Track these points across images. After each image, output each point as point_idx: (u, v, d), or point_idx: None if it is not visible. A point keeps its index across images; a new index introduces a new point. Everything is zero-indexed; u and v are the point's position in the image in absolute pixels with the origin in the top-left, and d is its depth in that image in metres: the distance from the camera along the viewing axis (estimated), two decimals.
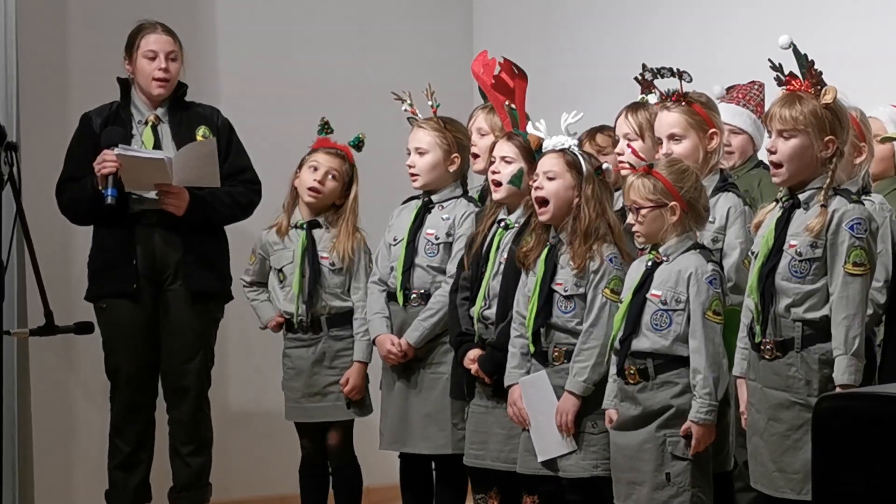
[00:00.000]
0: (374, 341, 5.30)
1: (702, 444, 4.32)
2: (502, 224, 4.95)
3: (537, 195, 4.69)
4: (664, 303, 4.36)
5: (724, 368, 4.32)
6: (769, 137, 4.24)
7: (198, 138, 5.50)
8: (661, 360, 4.36)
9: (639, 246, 4.53)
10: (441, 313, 5.14)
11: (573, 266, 4.61)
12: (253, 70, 6.62)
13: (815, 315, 4.13)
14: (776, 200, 4.27)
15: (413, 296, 5.24)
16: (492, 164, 4.95)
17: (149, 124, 5.52)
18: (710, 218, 4.49)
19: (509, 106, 4.96)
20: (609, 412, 4.47)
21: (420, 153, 5.28)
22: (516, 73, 4.96)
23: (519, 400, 4.71)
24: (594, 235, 4.62)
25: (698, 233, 4.44)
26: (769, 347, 4.18)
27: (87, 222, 5.58)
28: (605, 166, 4.68)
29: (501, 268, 4.90)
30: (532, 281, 4.70)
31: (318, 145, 5.53)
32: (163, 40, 5.54)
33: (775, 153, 4.19)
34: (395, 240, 5.32)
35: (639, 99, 4.83)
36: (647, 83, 4.77)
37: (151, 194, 5.42)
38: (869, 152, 4.62)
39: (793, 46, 4.18)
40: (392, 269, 5.29)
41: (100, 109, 5.55)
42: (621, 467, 4.44)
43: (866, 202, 4.34)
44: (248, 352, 6.40)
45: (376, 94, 6.04)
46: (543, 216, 4.69)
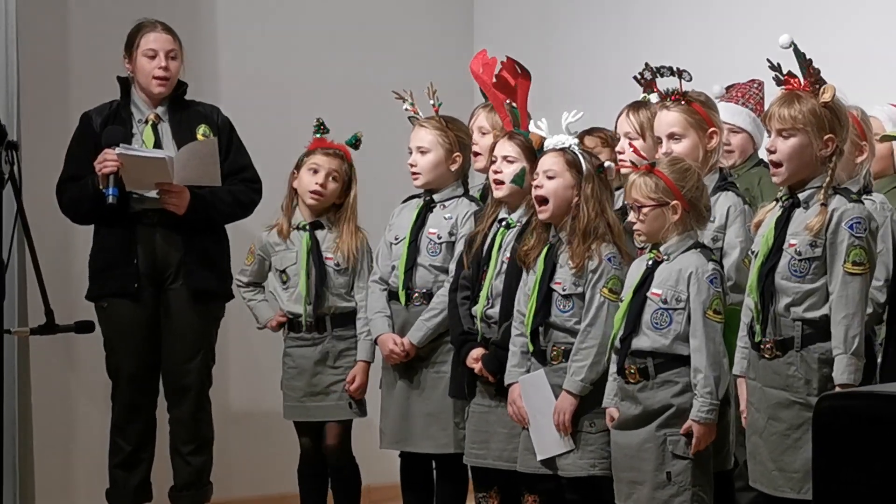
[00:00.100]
0: (377, 340, 5.30)
1: (702, 444, 4.32)
2: (504, 223, 4.96)
3: (537, 194, 4.69)
4: (664, 302, 4.36)
5: (724, 367, 4.32)
6: (768, 137, 4.25)
7: (198, 137, 5.50)
8: (661, 359, 4.36)
9: (639, 245, 4.53)
10: (444, 313, 5.12)
11: (572, 265, 4.61)
12: (253, 70, 6.62)
13: (815, 314, 4.14)
14: (776, 199, 4.27)
15: (415, 295, 5.23)
16: (493, 163, 4.95)
17: (149, 123, 5.51)
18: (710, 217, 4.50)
19: (510, 105, 4.96)
20: (610, 411, 4.47)
21: (422, 152, 5.28)
22: (519, 73, 4.94)
23: (518, 399, 4.71)
24: (593, 235, 4.62)
25: (699, 232, 4.44)
26: (769, 347, 4.18)
27: (87, 222, 5.58)
28: (606, 164, 4.69)
29: (504, 267, 4.90)
30: (532, 280, 4.71)
31: (314, 146, 5.51)
32: (163, 39, 5.53)
33: (775, 152, 4.19)
34: (396, 239, 5.31)
35: (640, 98, 4.83)
36: (648, 82, 4.77)
37: (152, 193, 5.42)
38: (870, 151, 4.62)
39: (793, 46, 4.19)
40: (393, 268, 5.29)
41: (100, 108, 5.54)
42: (622, 466, 4.44)
43: (867, 201, 4.34)
44: (249, 351, 6.40)
45: (376, 93, 6.03)
46: (543, 215, 4.70)
